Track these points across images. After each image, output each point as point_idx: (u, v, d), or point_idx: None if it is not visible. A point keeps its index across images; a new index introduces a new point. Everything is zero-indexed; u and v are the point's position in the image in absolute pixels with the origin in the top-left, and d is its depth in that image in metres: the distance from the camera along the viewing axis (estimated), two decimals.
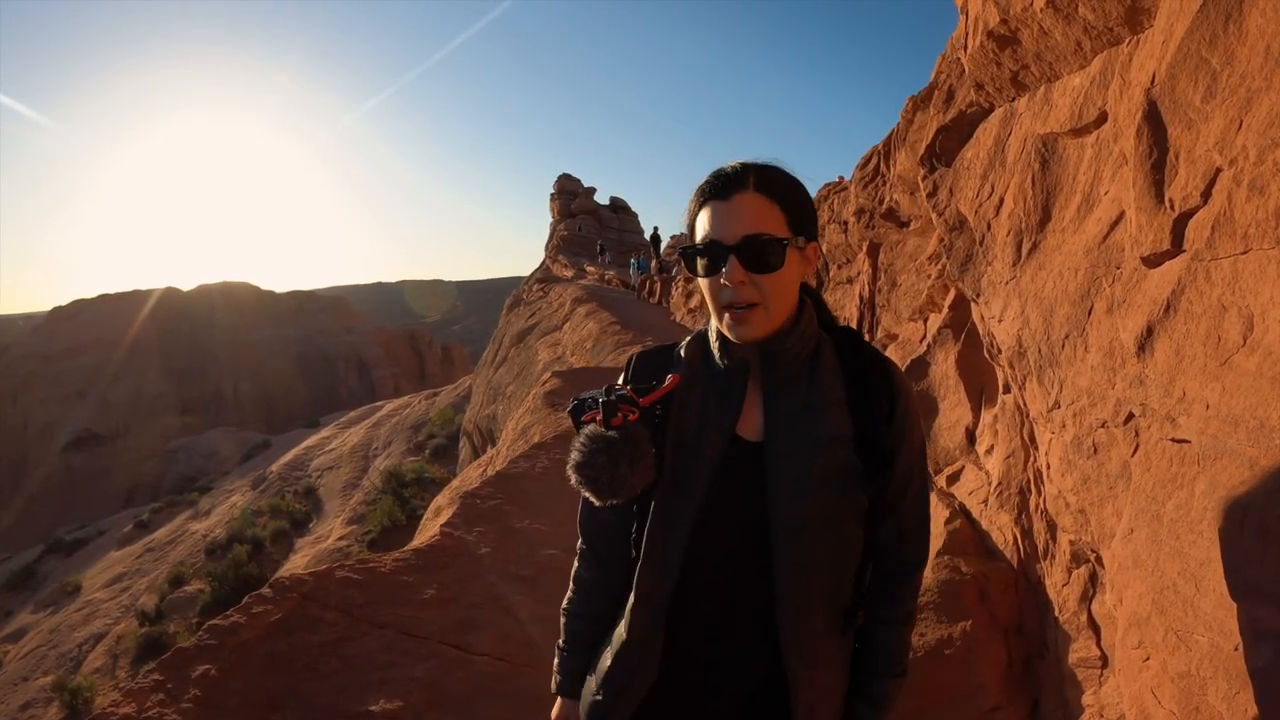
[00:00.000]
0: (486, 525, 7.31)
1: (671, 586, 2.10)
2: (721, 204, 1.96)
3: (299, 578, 5.91)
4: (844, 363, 2.15)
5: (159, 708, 4.56)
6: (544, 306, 35.68)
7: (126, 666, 31.58)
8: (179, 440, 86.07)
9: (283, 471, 49.58)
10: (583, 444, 2.01)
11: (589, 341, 23.80)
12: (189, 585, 36.87)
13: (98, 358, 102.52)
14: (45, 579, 50.98)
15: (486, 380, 33.11)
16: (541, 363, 26.12)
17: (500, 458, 12.91)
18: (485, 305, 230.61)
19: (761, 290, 1.94)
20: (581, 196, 69.66)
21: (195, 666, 4.91)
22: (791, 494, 2.03)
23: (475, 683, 5.07)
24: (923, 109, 6.78)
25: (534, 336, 31.23)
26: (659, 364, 2.23)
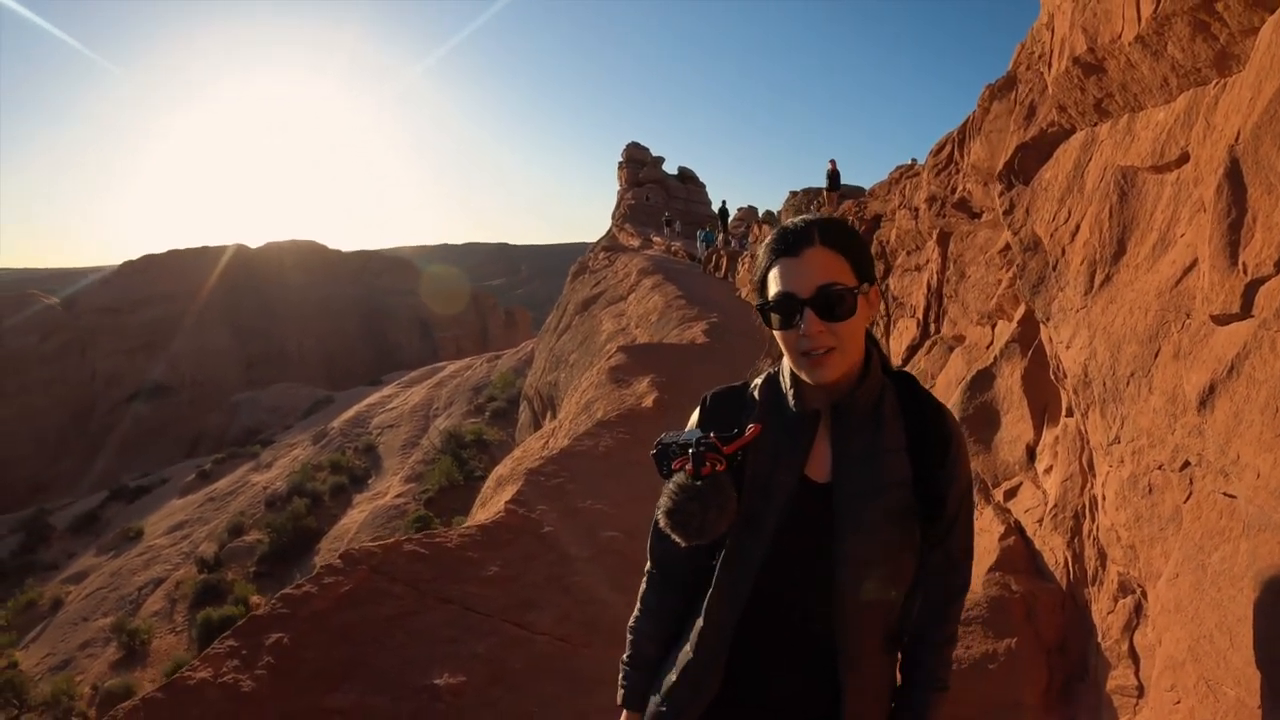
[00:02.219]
0: (549, 504, 7.45)
1: (738, 615, 2.24)
2: (792, 260, 2.11)
3: (368, 550, 6.10)
4: (903, 408, 2.28)
5: (234, 673, 4.77)
6: (609, 276, 35.55)
7: (184, 611, 32.17)
8: (243, 394, 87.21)
9: (344, 428, 50.07)
10: (673, 493, 2.13)
11: (654, 315, 23.76)
12: (248, 535, 37.46)
13: (165, 312, 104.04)
14: (108, 524, 51.88)
15: (549, 347, 33.13)
16: (605, 333, 26.08)
17: (563, 431, 13.02)
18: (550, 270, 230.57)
19: (837, 336, 2.08)
20: (649, 166, 69.14)
21: (269, 634, 5.12)
22: (856, 533, 2.15)
23: (535, 661, 5.22)
24: (999, 98, 6.74)
25: (598, 306, 31.15)
26: (733, 405, 2.33)
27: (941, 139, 8.71)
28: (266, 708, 4.57)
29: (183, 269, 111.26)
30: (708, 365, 14.45)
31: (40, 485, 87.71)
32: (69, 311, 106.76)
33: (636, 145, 71.65)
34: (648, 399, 11.37)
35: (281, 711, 4.56)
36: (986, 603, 4.73)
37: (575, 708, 4.77)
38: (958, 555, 2.33)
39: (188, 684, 4.67)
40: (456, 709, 4.69)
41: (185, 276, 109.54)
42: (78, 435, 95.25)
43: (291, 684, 4.78)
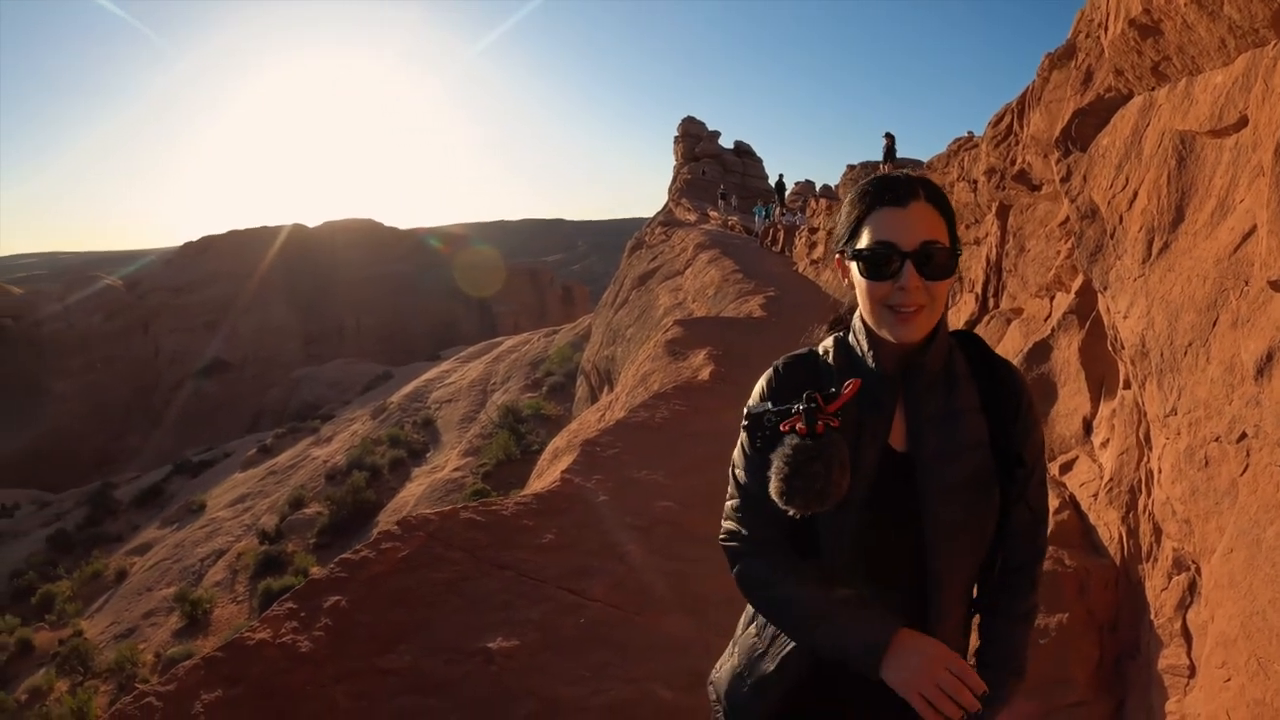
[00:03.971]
0: (605, 474, 7.50)
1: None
2: (897, 210, 2.05)
3: (425, 517, 6.19)
4: (972, 368, 2.25)
5: (293, 634, 4.87)
6: (666, 250, 35.50)
7: (245, 582, 32.67)
8: (303, 370, 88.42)
9: (402, 402, 50.47)
10: (789, 456, 2.05)
11: (710, 289, 23.74)
12: (308, 508, 37.92)
13: (226, 290, 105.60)
14: (172, 497, 52.76)
15: (606, 321, 33.19)
16: (662, 307, 26.11)
17: (619, 403, 13.06)
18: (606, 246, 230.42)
19: (930, 295, 2.03)
20: (705, 140, 68.60)
21: (327, 597, 5.22)
22: (942, 498, 2.13)
23: (588, 627, 5.27)
24: (1059, 67, 6.66)
25: (655, 280, 31.14)
26: (806, 371, 2.25)
27: (1000, 110, 8.61)
28: (324, 667, 4.66)
29: (242, 249, 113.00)
30: (765, 338, 14.41)
31: (105, 460, 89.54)
32: (132, 291, 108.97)
33: (692, 119, 71.21)
34: (704, 371, 11.38)
35: (338, 672, 4.65)
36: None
37: (626, 674, 4.81)
38: (1031, 521, 2.28)
39: (247, 644, 4.77)
40: (509, 672, 4.76)
41: (244, 256, 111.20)
42: (142, 411, 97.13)
43: (348, 645, 4.87)
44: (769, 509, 2.15)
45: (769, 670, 2.31)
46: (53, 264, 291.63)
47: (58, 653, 30.68)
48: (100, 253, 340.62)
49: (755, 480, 2.21)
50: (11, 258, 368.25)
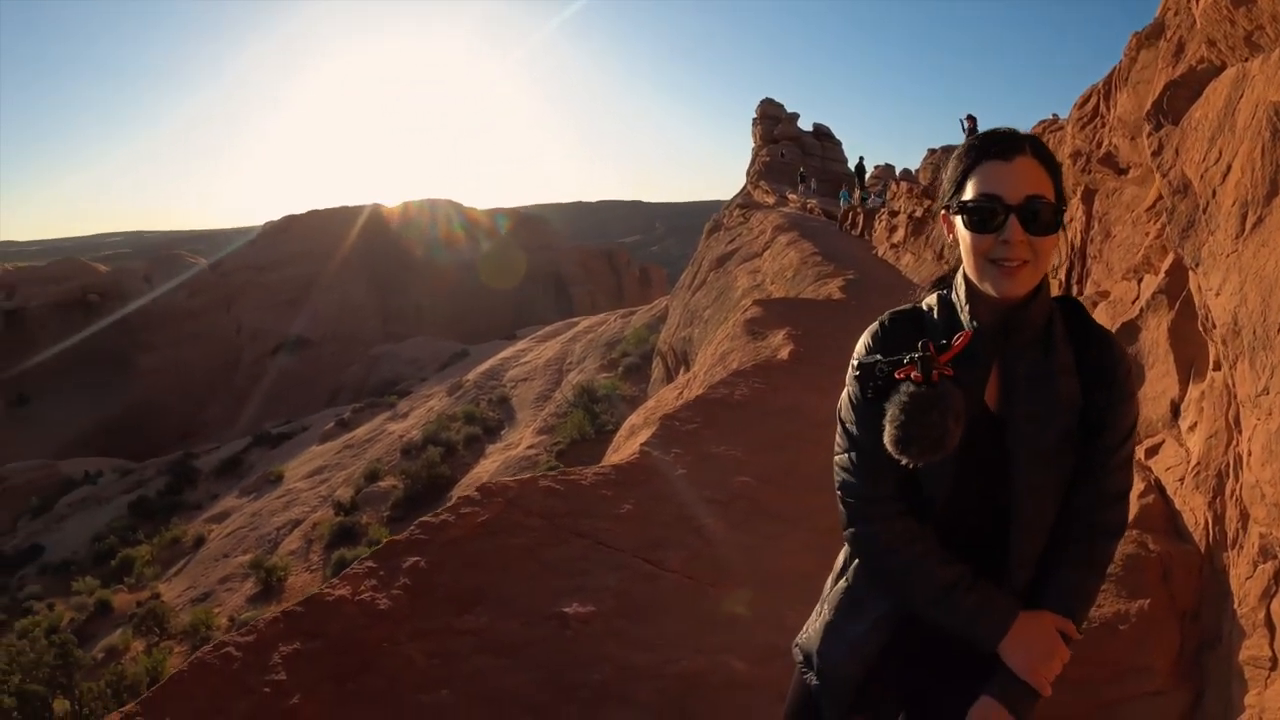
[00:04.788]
0: (683, 448, 7.53)
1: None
2: (1003, 164, 2.05)
3: (505, 484, 6.27)
4: (1071, 332, 2.24)
5: (371, 592, 4.97)
6: (744, 233, 35.37)
7: (319, 551, 33.28)
8: (381, 347, 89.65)
9: (479, 380, 50.95)
10: (905, 404, 2.06)
11: (789, 271, 23.63)
12: (383, 481, 38.45)
13: (307, 269, 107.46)
14: (251, 468, 54.02)
15: (683, 303, 33.17)
16: (740, 289, 26.03)
17: (697, 382, 13.07)
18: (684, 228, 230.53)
19: (1034, 250, 2.03)
20: (784, 122, 67.93)
21: (406, 558, 5.31)
22: (1030, 458, 2.15)
23: (663, 596, 5.30)
24: (1148, 47, 6.53)
25: (733, 262, 31.04)
26: (911, 326, 2.26)
27: (1087, 91, 8.45)
28: (401, 625, 4.75)
29: (322, 228, 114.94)
30: (844, 320, 14.32)
31: (188, 431, 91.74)
32: (215, 270, 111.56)
33: (771, 101, 70.55)
34: (783, 351, 11.36)
35: (415, 630, 4.73)
36: (1122, 561, 4.65)
37: (699, 644, 4.83)
38: (1115, 491, 2.25)
39: (326, 600, 4.87)
40: (584, 637, 4.80)
41: (325, 235, 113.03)
42: (223, 385, 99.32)
43: (426, 604, 4.95)
44: (882, 461, 2.18)
45: (863, 629, 2.35)
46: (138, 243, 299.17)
47: (135, 614, 31.58)
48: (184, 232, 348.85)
49: (867, 432, 2.22)
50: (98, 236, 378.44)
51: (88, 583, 37.93)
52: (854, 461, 2.29)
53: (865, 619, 2.35)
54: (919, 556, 2.21)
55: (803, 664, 2.52)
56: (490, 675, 4.46)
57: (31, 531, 58.67)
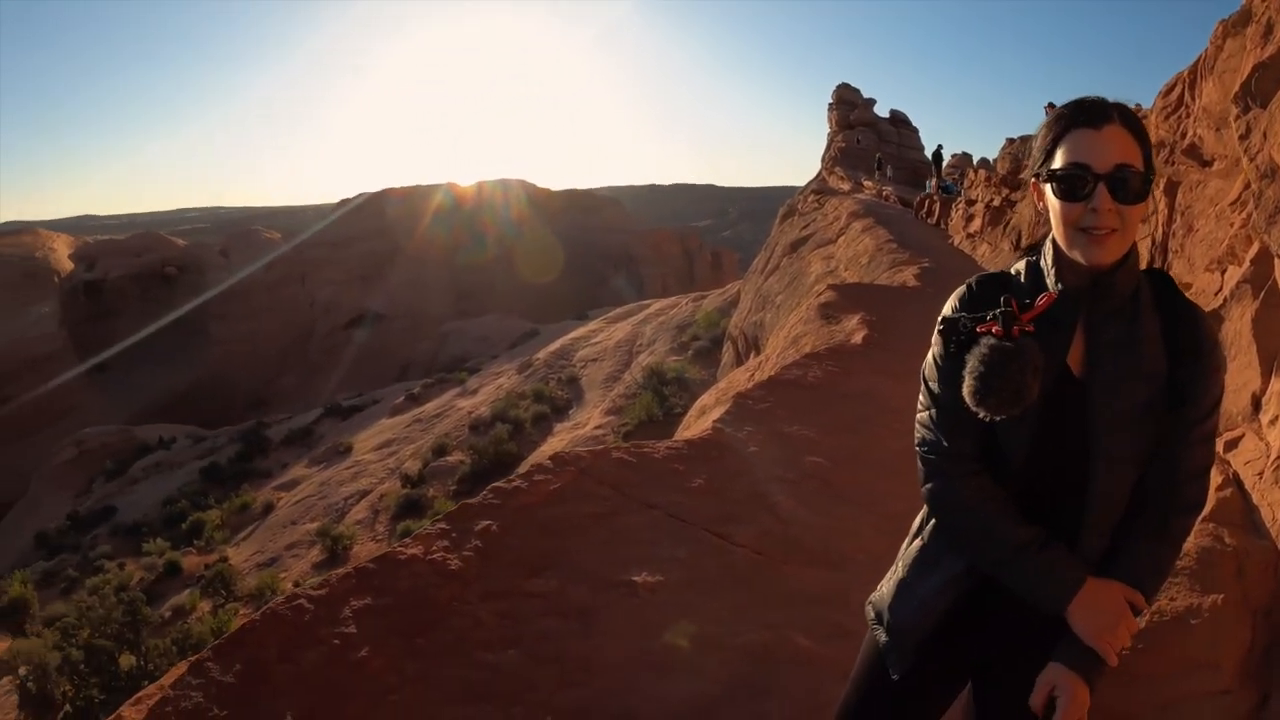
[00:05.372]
0: (756, 426, 7.54)
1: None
2: (1092, 132, 2.07)
3: (578, 454, 6.34)
4: (1158, 302, 2.24)
5: (443, 552, 5.05)
6: (818, 218, 35.17)
7: (385, 522, 33.68)
8: (452, 323, 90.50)
9: (548, 359, 51.15)
10: (986, 356, 2.10)
11: (864, 257, 23.48)
12: (450, 456, 38.80)
13: (380, 246, 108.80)
14: (321, 439, 54.83)
15: (755, 287, 33.05)
16: (813, 275, 25.91)
17: (769, 364, 13.04)
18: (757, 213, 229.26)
19: (1122, 219, 2.06)
20: (860, 108, 67.13)
21: (478, 521, 5.38)
22: (1110, 425, 2.16)
23: (732, 570, 5.32)
24: (1234, 35, 6.41)
25: (807, 248, 30.89)
26: (998, 289, 2.27)
27: (1171, 80, 8.32)
28: (471, 585, 4.82)
29: (397, 206, 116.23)
30: (919, 308, 14.20)
31: (260, 401, 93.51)
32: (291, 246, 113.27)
33: (847, 86, 69.68)
34: (857, 336, 11.32)
35: (486, 590, 4.79)
36: (1196, 554, 4.61)
37: (766, 619, 4.85)
38: (1197, 467, 2.24)
39: (398, 558, 4.96)
40: (652, 605, 4.84)
41: (400, 213, 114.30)
42: (296, 357, 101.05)
43: (496, 566, 5.02)
44: (962, 418, 2.22)
45: (935, 587, 2.38)
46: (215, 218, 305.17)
47: (203, 576, 32.31)
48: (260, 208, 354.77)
49: (948, 389, 2.26)
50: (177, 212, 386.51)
51: (158, 544, 38.79)
52: (934, 419, 2.34)
53: (938, 577, 2.39)
54: (993, 515, 2.24)
55: (874, 621, 2.55)
56: (558, 638, 4.52)
57: (105, 493, 60.31)
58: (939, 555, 2.40)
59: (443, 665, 4.26)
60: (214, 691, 3.96)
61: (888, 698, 2.50)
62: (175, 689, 3.98)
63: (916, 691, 2.47)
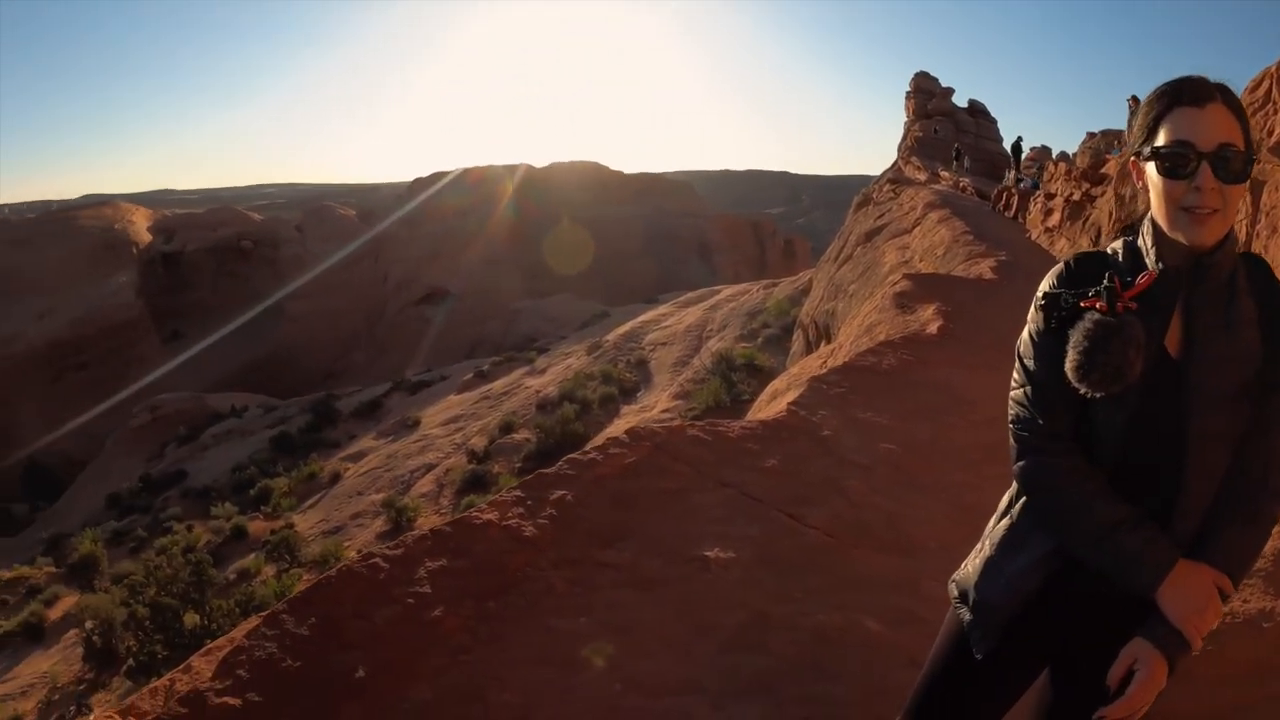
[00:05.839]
0: (830, 410, 7.50)
1: None
2: (1195, 110, 2.05)
3: (653, 429, 6.36)
4: (1254, 286, 2.20)
5: (517, 519, 5.09)
6: (894, 208, 34.80)
7: (450, 496, 33.84)
8: (522, 303, 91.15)
9: (618, 342, 51.19)
10: (1090, 331, 2.09)
11: (939, 249, 23.23)
12: (517, 433, 38.94)
13: (454, 224, 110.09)
14: (389, 412, 55.40)
15: (828, 276, 32.82)
16: (888, 265, 25.66)
17: (842, 352, 12.97)
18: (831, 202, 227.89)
19: (1224, 199, 2.04)
20: (938, 97, 66.14)
21: (553, 490, 5.43)
22: (1207, 407, 2.13)
23: (803, 551, 5.30)
24: None
25: (881, 238, 30.60)
26: (1097, 266, 2.25)
27: (1259, 75, 8.14)
28: (545, 552, 4.86)
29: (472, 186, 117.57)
30: (995, 301, 14.08)
31: (331, 374, 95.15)
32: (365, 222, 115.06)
33: (925, 75, 68.68)
34: (932, 326, 11.22)
35: (559, 558, 4.83)
36: (1273, 556, 4.53)
37: (837, 601, 4.82)
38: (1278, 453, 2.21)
39: (474, 522, 5.02)
40: (723, 582, 4.84)
41: (474, 193, 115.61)
42: (366, 333, 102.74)
43: (570, 535, 5.06)
44: (1057, 396, 2.21)
45: (1023, 567, 2.35)
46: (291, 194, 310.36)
47: (268, 541, 32.74)
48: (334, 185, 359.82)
49: (1044, 366, 2.24)
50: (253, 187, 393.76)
51: (226, 509, 39.54)
52: (1029, 396, 2.30)
53: (1026, 557, 2.36)
54: (1086, 494, 2.21)
55: (957, 599, 2.54)
56: (629, 608, 4.54)
57: (177, 458, 61.83)
58: (1028, 534, 2.38)
59: (514, 629, 4.31)
60: (288, 643, 4.05)
61: (967, 677, 2.49)
62: (250, 639, 4.07)
63: (997, 672, 2.45)
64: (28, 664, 27.29)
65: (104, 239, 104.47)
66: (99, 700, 22.66)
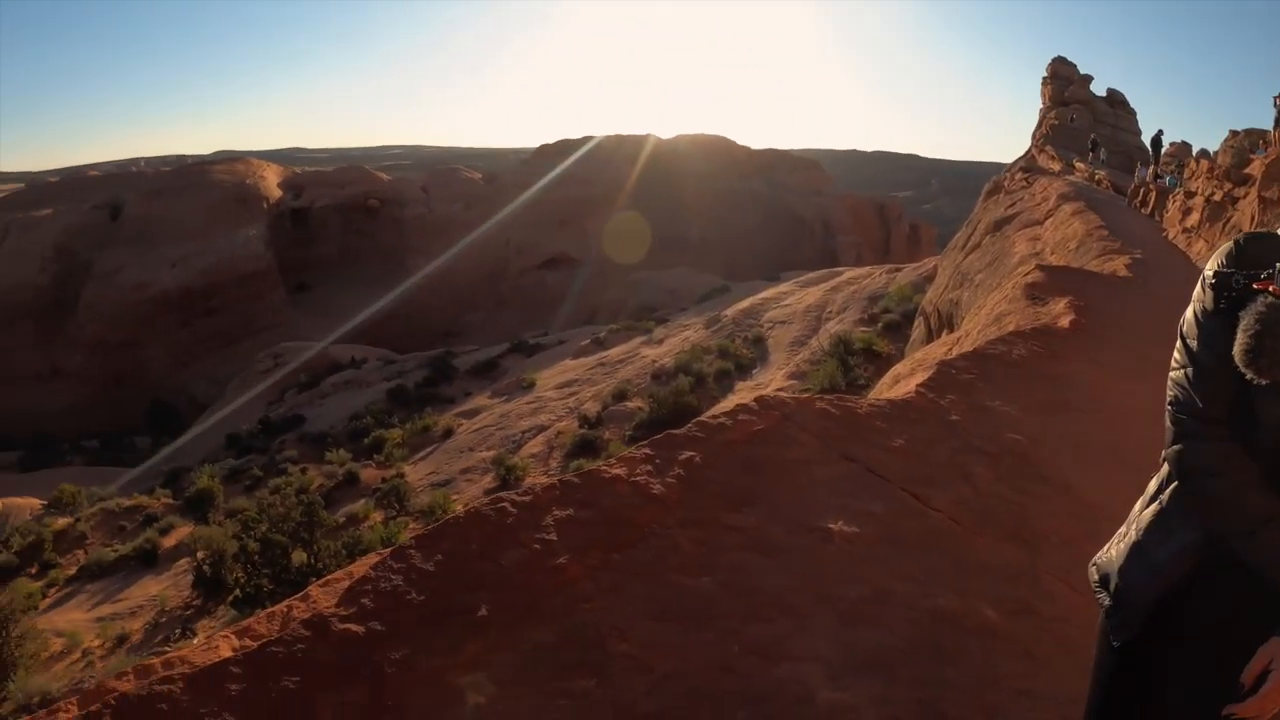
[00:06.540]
0: (958, 396, 7.44)
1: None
2: None
3: (781, 399, 6.38)
4: None
5: (646, 476, 5.15)
6: (1026, 198, 34.12)
7: (559, 459, 34.03)
8: (643, 273, 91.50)
9: (736, 317, 51.01)
10: (1264, 313, 2.03)
11: (1072, 242, 22.72)
12: (630, 401, 39.04)
13: (579, 191, 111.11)
14: (505, 372, 56.38)
15: (954, 264, 32.33)
16: (1017, 255, 25.17)
17: (969, 340, 12.82)
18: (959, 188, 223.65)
19: None
20: (1076, 84, 64.15)
21: (682, 451, 5.47)
22: None
23: (926, 533, 5.28)
24: None
25: (1012, 227, 30.05)
26: (1267, 248, 2.19)
27: None
28: (672, 511, 4.91)
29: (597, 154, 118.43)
30: (1129, 299, 13.79)
31: (450, 332, 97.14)
32: (490, 186, 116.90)
33: (1063, 60, 66.72)
34: (1064, 320, 11.02)
35: (684, 518, 4.87)
36: None
37: (956, 586, 4.79)
38: None
39: (602, 476, 5.10)
40: (845, 555, 4.84)
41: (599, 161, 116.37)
42: (488, 293, 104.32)
43: (697, 496, 5.09)
44: (1219, 380, 2.16)
45: (1171, 554, 2.32)
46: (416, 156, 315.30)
47: (379, 489, 33.45)
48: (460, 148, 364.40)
49: (1208, 348, 2.19)
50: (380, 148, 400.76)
51: (340, 455, 40.49)
52: (1190, 378, 2.26)
53: (1174, 544, 2.33)
54: (1240, 484, 2.17)
55: (1098, 585, 2.52)
56: (751, 572, 4.57)
57: (296, 404, 64.13)
58: (1177, 521, 2.34)
59: (637, 582, 4.36)
60: (414, 577, 4.16)
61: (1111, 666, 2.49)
62: (376, 570, 4.19)
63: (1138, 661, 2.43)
64: (139, 586, 28.35)
65: (236, 193, 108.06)
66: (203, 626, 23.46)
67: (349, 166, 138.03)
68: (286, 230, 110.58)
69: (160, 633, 23.99)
